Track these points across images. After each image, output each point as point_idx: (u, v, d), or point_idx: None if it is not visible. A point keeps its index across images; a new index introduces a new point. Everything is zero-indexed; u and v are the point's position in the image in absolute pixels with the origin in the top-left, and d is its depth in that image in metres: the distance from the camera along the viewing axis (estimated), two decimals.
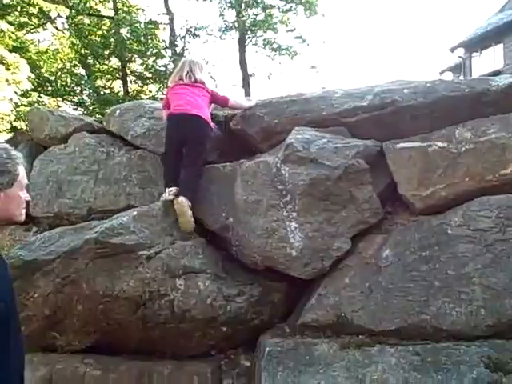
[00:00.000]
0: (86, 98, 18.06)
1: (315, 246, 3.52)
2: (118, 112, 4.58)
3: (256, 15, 19.99)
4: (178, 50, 19.48)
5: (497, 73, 20.06)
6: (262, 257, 3.59)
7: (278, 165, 3.64)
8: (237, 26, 18.70)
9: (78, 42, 17.86)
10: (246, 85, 18.75)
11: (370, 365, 3.13)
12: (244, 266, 3.80)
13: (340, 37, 46.31)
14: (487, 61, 22.83)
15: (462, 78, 23.03)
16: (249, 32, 19.62)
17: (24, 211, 1.93)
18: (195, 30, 19.52)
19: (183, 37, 19.90)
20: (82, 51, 18.37)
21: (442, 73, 27.91)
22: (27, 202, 1.96)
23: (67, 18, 18.01)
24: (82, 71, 19.34)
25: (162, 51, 18.81)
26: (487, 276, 3.26)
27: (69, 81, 17.53)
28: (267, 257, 3.57)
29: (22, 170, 1.87)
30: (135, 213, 3.61)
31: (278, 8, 20.32)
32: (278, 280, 3.75)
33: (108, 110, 4.79)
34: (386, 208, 3.80)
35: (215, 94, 4.24)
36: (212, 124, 4.09)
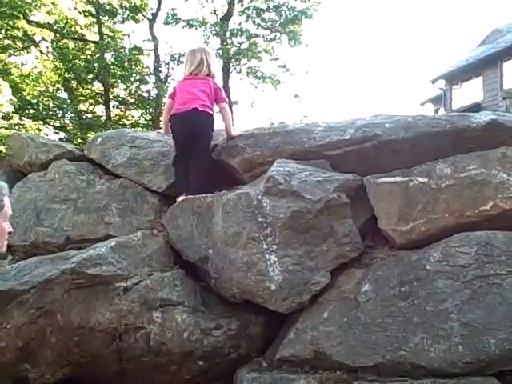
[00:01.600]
0: (67, 121, 18.21)
1: (294, 279, 3.59)
2: (99, 140, 4.67)
3: (240, 44, 20.47)
4: (162, 76, 19.79)
5: (476, 105, 20.62)
6: (241, 290, 3.65)
7: (259, 197, 3.74)
8: (221, 53, 19.09)
9: (61, 65, 18.13)
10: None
11: None
12: (222, 299, 3.85)
13: (323, 67, 47.55)
14: (467, 93, 23.52)
15: (442, 109, 23.61)
16: (233, 60, 20.03)
17: (6, 243, 1.96)
18: (180, 56, 19.91)
19: (167, 63, 20.27)
20: (66, 75, 18.72)
21: (423, 104, 28.56)
22: (9, 233, 1.99)
23: (52, 41, 18.24)
24: (65, 95, 19.53)
25: (146, 77, 19.11)
26: (465, 312, 3.34)
27: (51, 104, 17.66)
28: (246, 290, 3.63)
29: (7, 201, 1.91)
30: (114, 243, 3.67)
31: (263, 37, 20.88)
32: (256, 313, 3.81)
33: (89, 138, 4.89)
34: (365, 242, 3.89)
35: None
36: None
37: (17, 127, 15.45)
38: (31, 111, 16.97)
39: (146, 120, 19.84)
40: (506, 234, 3.51)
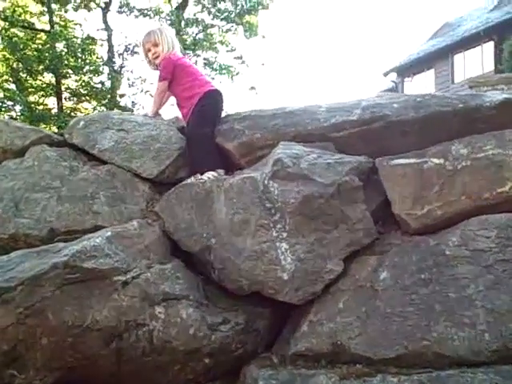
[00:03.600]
0: (18, 113, 17.65)
1: (307, 268, 3.47)
2: (81, 123, 4.42)
3: (196, 34, 20.38)
4: (116, 66, 19.46)
5: None
6: (250, 281, 3.50)
7: (266, 181, 3.59)
8: None
9: (10, 55, 17.50)
10: None
11: None
12: (226, 291, 3.70)
13: (279, 58, 47.92)
14: (419, 85, 24.11)
15: None
16: (189, 51, 19.89)
17: None
18: (134, 47, 19.63)
19: (121, 53, 19.95)
20: (15, 65, 18.00)
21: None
22: None
23: (0, 30, 17.65)
24: (13, 87, 18.92)
25: (100, 68, 18.70)
26: (490, 298, 3.27)
27: (1, 95, 17.05)
28: (256, 281, 3.49)
29: None
30: (109, 233, 3.45)
31: (219, 28, 20.81)
32: (262, 306, 3.68)
33: (70, 122, 4.62)
34: (377, 228, 3.79)
35: None
36: None
37: None
38: None
39: (100, 112, 19.40)
40: None
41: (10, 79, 18.70)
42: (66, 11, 19.29)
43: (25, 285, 3.25)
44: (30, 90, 19.14)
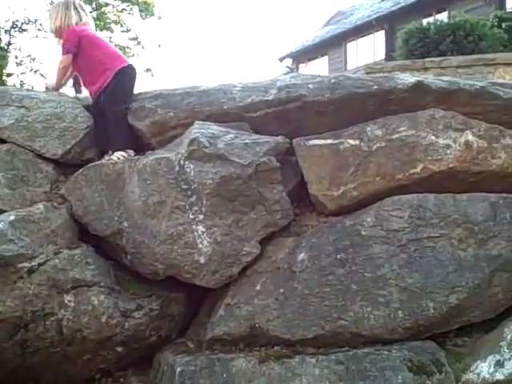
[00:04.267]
0: None
1: (224, 251, 3.43)
2: None
3: (90, 13, 19.72)
4: (3, 44, 18.49)
5: None
6: (165, 265, 3.42)
7: (182, 162, 3.50)
8: None
9: None
10: (77, 84, 18.65)
11: (294, 378, 3.10)
12: (138, 276, 3.60)
13: (176, 40, 47.66)
14: (313, 72, 24.96)
15: None
16: None
17: None
18: (23, 23, 18.74)
19: (8, 30, 18.97)
20: None
21: None
22: None
23: None
24: None
25: None
26: (403, 277, 3.40)
27: None
28: (172, 265, 3.41)
29: None
30: (12, 217, 3.24)
31: (113, 7, 20.35)
32: (176, 290, 3.61)
33: None
34: (292, 209, 3.81)
35: None
36: None
37: None
38: None
39: None
40: (437, 197, 3.60)
41: None
42: None
43: None
44: None
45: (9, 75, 18.47)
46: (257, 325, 3.34)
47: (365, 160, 3.71)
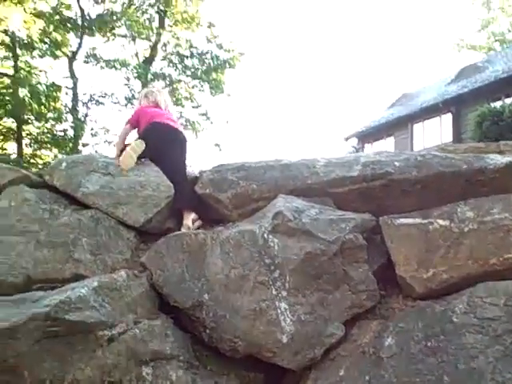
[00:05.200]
0: None
1: (307, 331, 3.27)
2: (64, 165, 4.19)
3: (162, 88, 20.55)
4: (80, 115, 19.34)
5: None
6: (246, 342, 3.28)
7: (266, 235, 3.43)
8: None
9: None
10: None
11: None
12: (217, 352, 3.45)
13: (244, 117, 49.32)
14: None
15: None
16: None
17: None
18: (99, 96, 19.74)
19: (86, 103, 19.91)
20: None
21: None
22: None
23: None
24: None
25: (63, 115, 18.54)
26: (500, 371, 3.12)
27: None
28: (252, 342, 3.27)
29: None
30: (96, 283, 3.20)
31: (184, 83, 21.07)
32: (255, 370, 3.44)
33: (51, 163, 4.38)
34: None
35: None
36: None
37: None
38: None
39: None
40: None
41: None
42: (31, 57, 19.15)
43: None
44: None
45: (84, 145, 19.20)
46: None
47: (456, 242, 3.53)
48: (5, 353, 2.93)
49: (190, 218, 4.17)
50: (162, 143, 4.49)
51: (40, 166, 17.65)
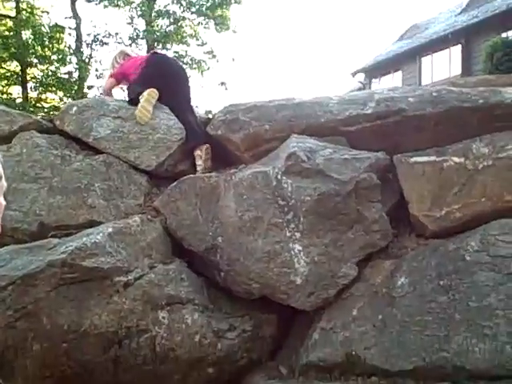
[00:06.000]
0: None
1: (321, 272, 3.27)
2: (74, 109, 4.11)
3: (167, 26, 20.07)
4: (84, 57, 18.95)
5: None
6: (261, 284, 3.29)
7: (279, 176, 3.37)
8: (146, 35, 18.71)
9: None
10: None
11: None
12: (231, 294, 3.48)
13: (249, 53, 48.15)
14: (386, 87, 24.25)
15: None
16: (159, 43, 19.57)
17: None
18: (103, 37, 19.27)
19: (90, 44, 19.44)
20: None
21: None
22: None
23: None
24: None
25: (67, 57, 18.17)
26: (511, 308, 3.12)
27: None
28: (267, 284, 3.28)
29: (1, 170, 1.47)
30: (110, 229, 3.21)
31: (189, 20, 20.47)
32: (268, 311, 3.47)
33: (62, 107, 4.31)
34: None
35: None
36: None
37: None
38: None
39: (65, 103, 18.78)
40: None
41: None
42: None
43: (16, 284, 3.01)
44: None
45: (89, 87, 18.89)
46: (353, 352, 3.14)
47: (470, 179, 3.45)
48: (23, 299, 2.99)
49: (202, 159, 4.10)
50: (169, 78, 4.39)
51: (46, 110, 17.48)
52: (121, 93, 5.81)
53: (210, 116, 4.65)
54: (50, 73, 18.16)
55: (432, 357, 3.09)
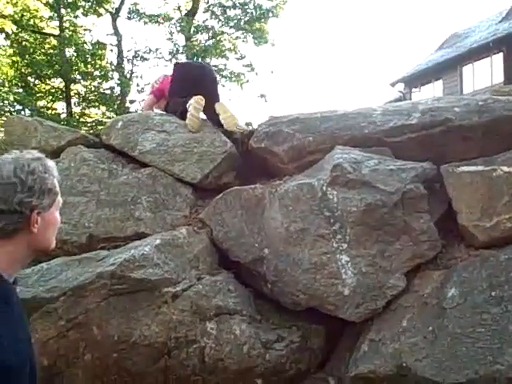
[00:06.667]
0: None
1: (369, 283, 3.22)
2: (120, 124, 4.18)
3: (206, 41, 20.32)
4: (126, 72, 19.30)
5: None
6: (308, 295, 3.26)
7: (324, 188, 3.34)
8: (186, 50, 18.96)
9: (20, 60, 17.37)
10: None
11: None
12: (278, 306, 3.45)
13: (288, 66, 48.29)
14: (427, 96, 23.95)
15: None
16: (199, 57, 19.78)
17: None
18: (144, 52, 19.60)
19: (131, 59, 19.81)
20: (23, 70, 17.90)
21: None
22: None
23: (10, 34, 17.51)
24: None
25: (109, 73, 18.56)
26: None
27: (11, 98, 16.84)
28: (314, 295, 3.24)
29: (57, 186, 1.51)
30: (158, 241, 3.23)
31: (228, 35, 20.69)
32: (316, 322, 3.42)
33: (107, 122, 4.39)
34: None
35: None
36: None
37: None
38: None
39: (109, 118, 19.18)
40: None
41: (19, 84, 18.51)
42: (75, 16, 19.06)
43: (67, 295, 3.05)
44: (38, 94, 18.96)
45: (131, 102, 19.25)
46: (404, 364, 3.08)
47: None
48: (74, 310, 3.02)
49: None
50: (195, 81, 4.60)
51: (89, 125, 17.87)
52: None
53: (251, 128, 4.68)
54: (92, 88, 18.69)
55: (485, 369, 2.99)
